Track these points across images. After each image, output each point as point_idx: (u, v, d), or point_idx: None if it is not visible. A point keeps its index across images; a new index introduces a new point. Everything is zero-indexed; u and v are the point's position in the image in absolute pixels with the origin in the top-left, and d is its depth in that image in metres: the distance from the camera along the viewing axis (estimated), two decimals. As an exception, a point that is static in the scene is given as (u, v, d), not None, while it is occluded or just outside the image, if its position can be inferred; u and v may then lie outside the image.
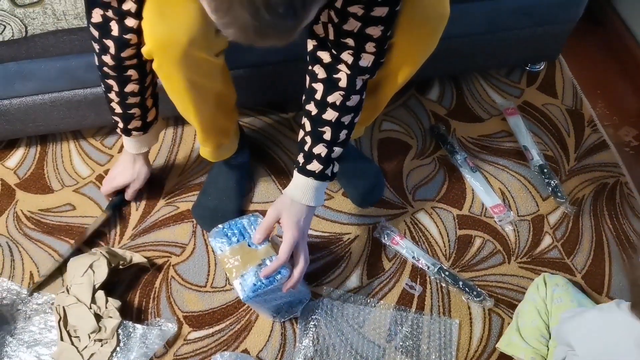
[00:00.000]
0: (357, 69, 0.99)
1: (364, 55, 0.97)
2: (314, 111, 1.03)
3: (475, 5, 1.37)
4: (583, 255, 1.35)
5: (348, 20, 0.91)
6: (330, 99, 1.01)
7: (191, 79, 0.98)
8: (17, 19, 1.14)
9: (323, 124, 1.03)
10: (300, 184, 1.06)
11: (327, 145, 1.04)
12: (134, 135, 1.22)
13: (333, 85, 1.01)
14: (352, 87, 1.01)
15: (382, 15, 0.90)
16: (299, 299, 1.21)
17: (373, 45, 0.95)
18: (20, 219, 1.39)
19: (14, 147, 1.51)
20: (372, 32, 0.93)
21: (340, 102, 1.01)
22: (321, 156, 1.05)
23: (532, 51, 1.59)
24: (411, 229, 1.38)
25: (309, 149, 1.05)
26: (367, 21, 0.91)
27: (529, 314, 1.19)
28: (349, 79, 1.00)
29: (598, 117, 1.60)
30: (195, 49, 0.93)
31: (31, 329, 1.23)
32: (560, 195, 1.42)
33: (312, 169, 1.05)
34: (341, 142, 1.06)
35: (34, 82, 1.29)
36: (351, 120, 1.05)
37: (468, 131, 1.55)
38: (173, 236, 1.36)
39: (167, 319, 1.24)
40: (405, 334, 1.24)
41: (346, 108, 1.03)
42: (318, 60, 1.01)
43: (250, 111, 1.58)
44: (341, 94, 1.01)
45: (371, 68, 0.99)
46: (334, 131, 1.04)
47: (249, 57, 1.34)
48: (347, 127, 1.05)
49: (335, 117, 1.03)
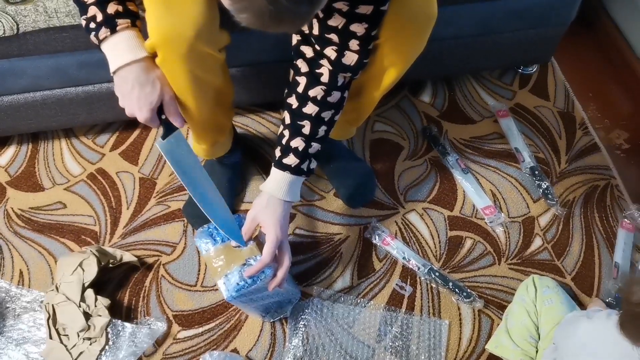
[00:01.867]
0: (339, 66, 0.99)
1: (347, 53, 0.97)
2: (295, 104, 1.04)
3: (467, 7, 1.37)
4: (573, 257, 1.36)
5: (333, 16, 0.92)
6: (312, 93, 1.02)
7: (194, 74, 0.98)
8: (9, 16, 1.14)
9: (302, 117, 1.04)
10: (276, 178, 1.06)
11: (304, 139, 1.04)
12: (121, 26, 0.91)
13: (315, 79, 1.02)
14: (334, 83, 1.01)
15: (366, 13, 0.91)
16: (287, 298, 1.21)
17: (357, 44, 0.96)
18: (11, 217, 1.38)
19: (5, 145, 1.51)
20: (356, 29, 0.93)
21: (321, 97, 1.02)
22: (298, 150, 1.04)
23: (525, 53, 1.59)
24: (402, 229, 1.39)
25: (287, 142, 1.05)
26: (351, 18, 0.92)
27: (518, 314, 1.20)
28: (331, 75, 1.01)
29: (589, 119, 1.61)
30: (200, 44, 0.93)
31: (20, 327, 1.22)
32: (551, 197, 1.43)
33: (288, 163, 1.05)
34: (320, 137, 1.05)
35: (26, 79, 1.28)
36: (331, 117, 1.05)
37: (460, 133, 1.56)
38: (164, 235, 1.36)
39: (157, 317, 1.24)
40: (395, 334, 1.24)
41: (327, 104, 1.03)
42: (301, 54, 1.02)
43: (243, 111, 1.58)
44: (322, 88, 1.02)
45: (354, 67, 1.00)
46: (313, 125, 1.04)
47: (244, 56, 1.34)
48: (327, 124, 1.05)
49: (316, 112, 1.03)
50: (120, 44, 0.92)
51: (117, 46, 0.92)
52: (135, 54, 0.93)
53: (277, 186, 1.06)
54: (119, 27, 0.91)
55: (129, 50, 0.92)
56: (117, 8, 0.92)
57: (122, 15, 0.92)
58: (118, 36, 0.92)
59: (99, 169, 1.47)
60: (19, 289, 1.27)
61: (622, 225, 1.40)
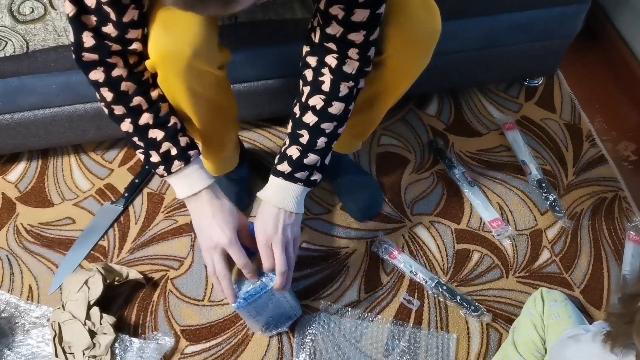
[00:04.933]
0: (340, 74, 0.98)
1: (347, 61, 0.96)
2: (297, 113, 1.03)
3: (472, 21, 1.38)
4: (581, 270, 1.35)
5: (331, 24, 0.92)
6: (311, 102, 1.00)
7: (194, 91, 0.99)
8: (19, 35, 1.16)
9: (301, 126, 1.02)
10: (270, 184, 1.05)
11: (301, 148, 1.01)
12: (194, 157, 1.00)
13: (316, 88, 1.00)
14: (335, 92, 0.99)
15: (363, 20, 0.90)
16: (288, 314, 1.21)
17: (356, 52, 0.95)
18: (20, 232, 1.40)
19: (15, 161, 1.53)
20: (354, 38, 0.93)
21: (321, 107, 1.00)
22: (292, 158, 1.02)
23: (530, 66, 1.60)
24: (409, 243, 1.38)
25: (284, 149, 1.04)
26: (349, 27, 0.92)
27: (525, 327, 1.19)
28: (332, 84, 0.98)
29: (596, 131, 1.61)
30: (198, 62, 0.94)
31: (29, 342, 1.23)
32: (558, 210, 1.42)
33: (281, 170, 1.03)
34: (319, 149, 1.02)
35: (35, 96, 1.30)
36: (333, 129, 1.02)
37: (466, 146, 1.56)
38: (171, 250, 1.37)
39: (165, 332, 1.24)
40: (402, 349, 1.23)
41: (327, 115, 1.00)
42: (308, 65, 1.01)
43: (249, 126, 1.59)
44: (322, 97, 0.99)
45: (355, 75, 0.98)
46: (312, 136, 1.01)
47: (249, 72, 1.36)
48: (328, 136, 1.02)
49: (314, 122, 1.01)
50: (195, 173, 1.01)
51: (192, 175, 1.01)
52: (206, 180, 1.02)
53: (270, 192, 1.04)
54: (192, 157, 1.00)
55: (202, 177, 1.01)
56: (187, 140, 1.00)
57: (192, 147, 1.01)
58: (191, 166, 1.00)
59: (108, 184, 1.48)
60: (28, 304, 1.28)
61: (629, 237, 1.39)
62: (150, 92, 0.97)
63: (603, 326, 1.07)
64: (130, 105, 0.96)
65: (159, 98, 0.98)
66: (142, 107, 0.96)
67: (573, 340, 1.01)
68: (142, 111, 0.97)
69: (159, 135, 0.98)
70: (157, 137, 0.98)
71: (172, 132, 0.99)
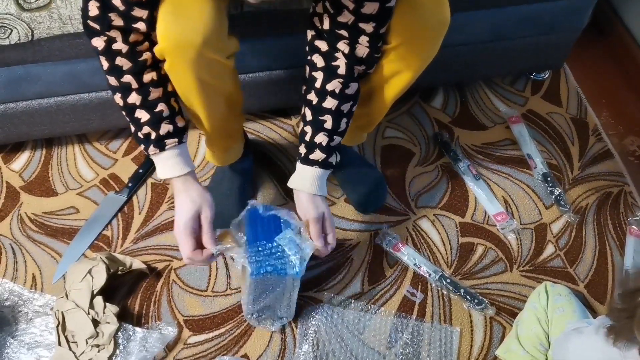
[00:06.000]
0: (353, 58, 1.01)
1: (359, 47, 0.99)
2: (315, 100, 1.05)
3: (479, 13, 1.37)
4: (586, 265, 1.35)
5: (342, 12, 0.94)
6: (330, 87, 1.03)
7: (203, 80, 0.98)
8: (24, 23, 1.15)
9: (323, 112, 1.05)
10: (305, 174, 1.08)
11: (327, 134, 1.06)
12: (169, 145, 1.02)
13: (332, 73, 1.03)
14: (351, 74, 1.03)
15: (373, 12, 0.92)
16: (281, 314, 1.21)
17: (366, 40, 0.98)
18: (24, 221, 1.40)
19: (19, 150, 1.52)
20: (364, 27, 0.95)
21: (340, 90, 1.03)
22: (322, 145, 1.06)
23: (537, 60, 1.59)
24: (413, 236, 1.38)
25: (311, 138, 1.07)
26: (359, 17, 0.94)
27: (528, 321, 1.19)
28: (347, 67, 1.02)
29: (602, 126, 1.60)
30: (208, 50, 0.93)
31: (32, 331, 1.23)
32: (563, 204, 1.42)
33: (315, 158, 1.07)
34: (341, 131, 1.08)
35: (40, 85, 1.30)
36: (350, 108, 1.07)
37: (472, 139, 1.55)
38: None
39: (168, 322, 1.24)
40: (405, 341, 1.23)
41: (345, 96, 1.04)
42: (316, 49, 1.03)
43: (254, 117, 1.58)
44: (340, 81, 1.03)
45: (367, 59, 1.02)
46: (335, 119, 1.06)
47: (254, 62, 1.35)
48: (347, 116, 1.07)
49: (335, 105, 1.04)
50: (168, 161, 1.03)
51: (165, 162, 1.03)
52: (177, 171, 1.03)
53: (307, 182, 1.08)
54: (167, 146, 1.02)
55: (173, 166, 1.03)
56: (169, 128, 1.01)
57: (171, 135, 1.02)
58: (165, 154, 1.02)
59: (112, 174, 1.48)
60: (31, 293, 1.28)
61: (630, 232, 1.38)
62: (143, 74, 0.97)
63: (606, 320, 1.07)
64: (121, 80, 0.97)
65: (151, 82, 0.99)
66: (132, 86, 0.98)
67: (576, 332, 1.01)
68: (131, 89, 0.98)
69: (144, 117, 1.00)
70: (142, 118, 1.00)
71: (157, 117, 1.00)
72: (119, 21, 0.92)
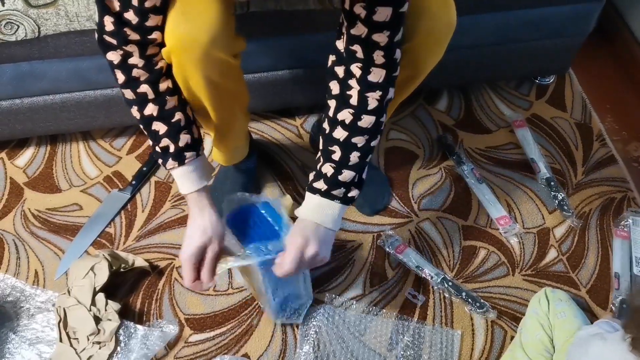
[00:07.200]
0: (365, 84, 0.94)
1: (373, 70, 0.93)
2: (327, 129, 1.00)
3: (485, 16, 1.37)
4: (588, 270, 1.34)
5: (355, 25, 0.90)
6: (340, 117, 0.97)
7: (210, 79, 0.98)
8: (31, 19, 1.16)
9: (332, 142, 0.98)
10: (307, 202, 1.02)
11: (334, 165, 0.98)
12: (189, 159, 1.01)
13: (344, 102, 0.97)
14: (364, 105, 0.95)
15: (386, 20, 0.88)
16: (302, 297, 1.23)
17: (381, 55, 0.92)
18: (28, 217, 1.40)
19: (24, 146, 1.53)
20: (378, 39, 0.90)
21: (350, 121, 0.96)
22: (327, 176, 0.99)
23: (542, 64, 1.59)
24: (416, 238, 1.38)
25: (319, 167, 1.01)
26: (372, 27, 0.89)
27: (532, 328, 1.18)
28: (359, 96, 0.95)
29: (607, 131, 1.60)
30: (215, 49, 0.93)
31: (34, 327, 1.23)
32: (566, 209, 1.41)
33: (318, 187, 1.00)
34: (352, 165, 0.98)
35: (46, 82, 1.30)
36: (366, 143, 0.98)
37: (475, 142, 1.55)
38: (178, 239, 1.37)
39: (169, 320, 1.25)
40: (406, 344, 1.23)
41: (357, 128, 0.96)
42: (335, 75, 0.98)
43: (258, 117, 1.58)
44: (350, 112, 0.96)
45: (383, 84, 0.94)
46: (343, 152, 0.98)
47: (259, 63, 1.35)
48: (360, 150, 0.98)
49: (345, 137, 0.97)
50: (186, 175, 1.02)
51: (184, 176, 1.02)
52: (195, 185, 1.02)
53: (308, 209, 1.02)
54: (186, 160, 1.01)
55: (192, 181, 1.02)
56: (187, 140, 1.01)
57: (190, 148, 1.01)
58: (184, 168, 1.01)
59: (116, 171, 1.48)
60: (33, 289, 1.29)
61: (616, 233, 1.39)
62: (159, 83, 0.97)
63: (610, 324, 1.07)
64: (138, 91, 0.96)
65: (167, 91, 0.98)
66: (148, 97, 0.96)
67: (599, 338, 1.00)
68: (148, 100, 0.97)
69: (162, 129, 0.98)
70: (160, 130, 0.99)
71: (175, 128, 0.99)
72: (135, 35, 0.91)
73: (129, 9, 0.88)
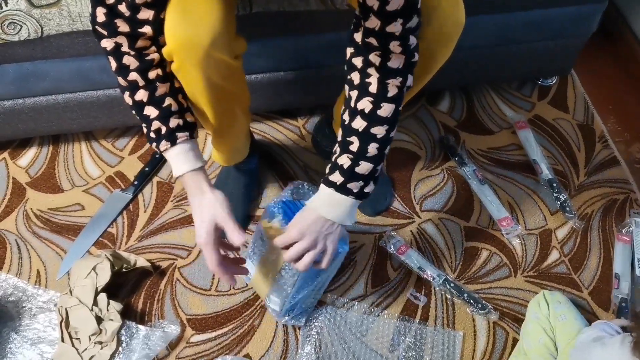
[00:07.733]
0: (385, 71, 0.93)
1: (392, 56, 0.92)
2: (347, 120, 0.99)
3: (486, 17, 1.37)
4: (590, 272, 1.34)
5: (369, 17, 0.89)
6: (360, 106, 0.96)
7: (211, 80, 0.98)
8: (34, 19, 1.16)
9: (351, 133, 0.97)
10: (320, 194, 1.01)
11: (352, 157, 0.97)
12: (181, 139, 1.00)
13: (364, 90, 0.96)
14: (383, 93, 0.94)
15: (398, 8, 0.87)
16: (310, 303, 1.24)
17: (397, 44, 0.91)
18: (30, 217, 1.40)
19: (26, 146, 1.53)
20: (392, 29, 0.89)
21: (370, 110, 0.95)
22: (344, 168, 0.98)
23: (544, 65, 1.59)
24: (417, 239, 1.38)
25: (335, 159, 1.00)
26: (385, 17, 0.88)
27: (534, 333, 1.17)
28: (379, 84, 0.94)
29: (609, 132, 1.60)
30: (216, 51, 0.93)
31: (36, 327, 1.23)
32: (569, 210, 1.41)
33: (334, 180, 0.99)
34: (371, 157, 0.97)
35: (48, 82, 1.30)
36: (385, 133, 0.97)
37: (478, 143, 1.55)
38: (180, 239, 1.37)
39: (171, 321, 1.25)
40: (408, 345, 1.23)
41: (377, 118, 0.95)
42: (354, 67, 0.97)
43: (260, 117, 1.58)
44: (370, 100, 0.95)
45: (403, 70, 0.93)
46: (362, 142, 0.97)
47: (261, 63, 1.35)
48: (379, 141, 0.97)
49: (364, 127, 0.96)
50: (180, 155, 1.00)
51: (178, 157, 1.00)
52: (189, 165, 1.00)
53: (320, 202, 1.01)
54: (178, 140, 0.99)
55: (186, 161, 1.00)
56: (178, 122, 0.99)
57: (182, 129, 1.00)
58: (177, 148, 1.00)
59: (118, 172, 1.48)
60: (35, 289, 1.29)
61: (618, 238, 1.38)
62: (149, 71, 0.97)
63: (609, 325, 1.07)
64: (128, 79, 0.97)
65: (157, 78, 0.98)
66: (139, 84, 0.97)
67: (599, 343, 1.00)
68: (138, 87, 0.97)
69: (153, 113, 0.98)
70: (151, 115, 0.98)
71: (166, 112, 0.98)
72: (125, 27, 0.92)
73: (122, 1, 0.89)
